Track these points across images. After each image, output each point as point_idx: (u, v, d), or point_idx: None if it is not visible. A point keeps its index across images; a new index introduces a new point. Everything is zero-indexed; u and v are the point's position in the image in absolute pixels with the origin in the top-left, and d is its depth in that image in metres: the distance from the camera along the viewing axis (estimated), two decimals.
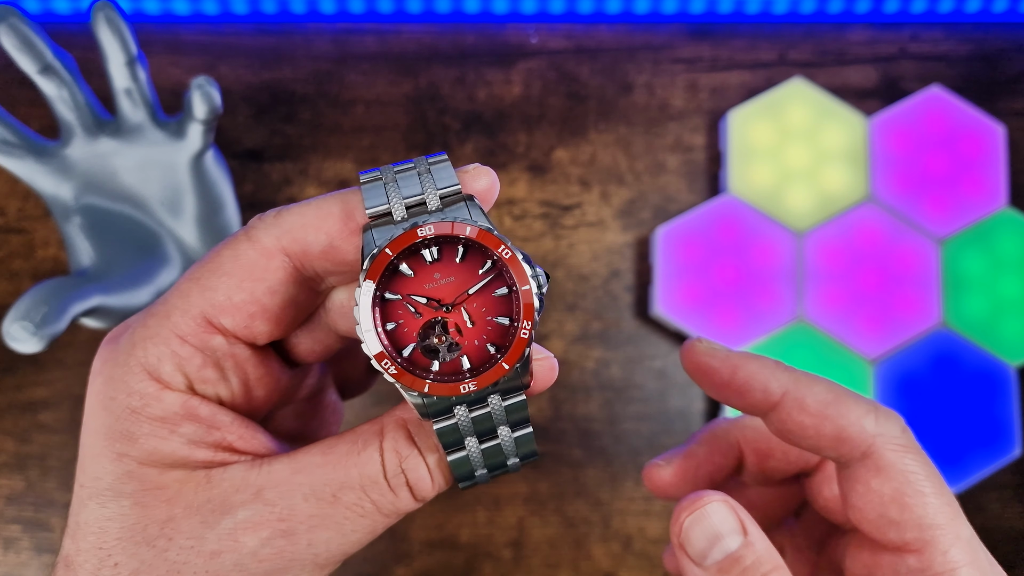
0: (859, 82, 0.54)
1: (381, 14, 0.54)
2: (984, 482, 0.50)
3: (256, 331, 0.23)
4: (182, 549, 0.21)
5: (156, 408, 0.22)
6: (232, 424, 0.23)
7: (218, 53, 0.53)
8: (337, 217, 0.22)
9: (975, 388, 0.49)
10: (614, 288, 0.52)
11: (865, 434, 0.23)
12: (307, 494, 0.22)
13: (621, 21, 0.55)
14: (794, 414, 0.24)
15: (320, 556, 0.22)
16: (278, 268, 0.22)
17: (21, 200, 0.51)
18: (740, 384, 0.24)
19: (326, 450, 0.23)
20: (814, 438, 0.23)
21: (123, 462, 0.22)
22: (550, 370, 0.23)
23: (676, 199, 0.53)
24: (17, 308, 0.36)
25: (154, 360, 0.22)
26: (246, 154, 0.52)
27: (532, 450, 0.24)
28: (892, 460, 0.23)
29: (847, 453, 0.23)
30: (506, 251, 0.21)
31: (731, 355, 0.25)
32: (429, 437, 0.23)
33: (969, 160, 0.52)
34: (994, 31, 0.55)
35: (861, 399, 0.24)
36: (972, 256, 0.51)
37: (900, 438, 0.23)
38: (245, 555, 0.21)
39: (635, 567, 0.49)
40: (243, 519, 0.22)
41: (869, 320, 0.50)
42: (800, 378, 0.24)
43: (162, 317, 0.22)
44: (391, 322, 0.22)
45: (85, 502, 0.22)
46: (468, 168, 0.23)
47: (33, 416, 0.49)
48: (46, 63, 0.39)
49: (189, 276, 0.23)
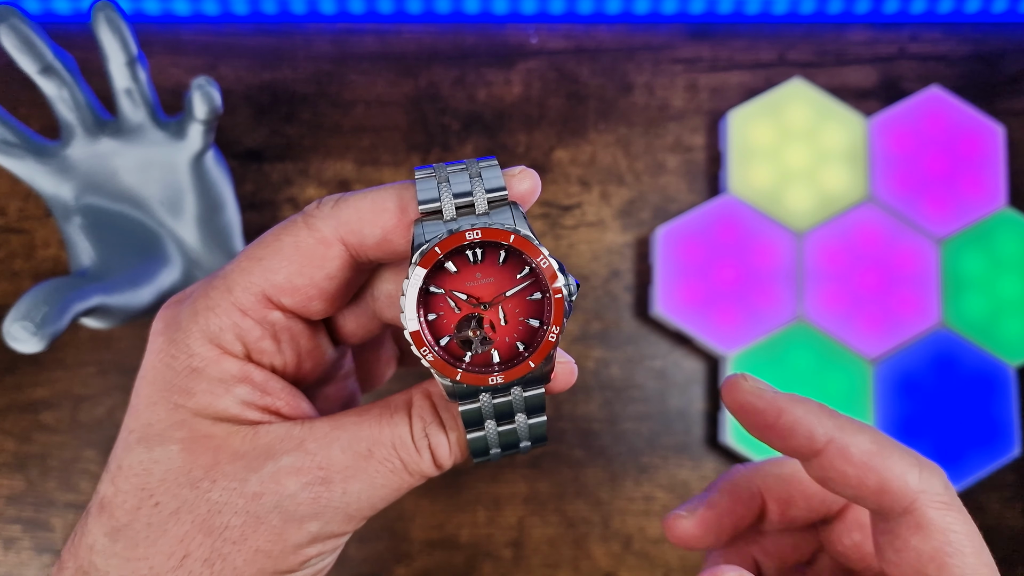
0: (859, 82, 0.54)
1: (381, 14, 0.54)
2: (984, 482, 0.50)
3: (312, 309, 0.25)
4: (224, 490, 0.23)
5: (215, 370, 0.24)
6: (282, 391, 0.25)
7: (218, 53, 0.53)
8: (392, 212, 0.23)
9: (975, 388, 0.49)
10: (614, 288, 0.52)
11: (908, 489, 0.23)
12: (344, 447, 0.24)
13: (621, 21, 0.55)
14: (837, 463, 0.23)
15: (351, 506, 0.24)
16: (336, 256, 0.24)
17: (22, 200, 0.51)
18: (784, 428, 0.24)
19: (361, 412, 0.25)
20: (856, 488, 0.23)
21: (178, 412, 0.24)
22: (570, 373, 0.25)
23: (676, 199, 0.53)
24: (18, 308, 0.36)
25: (216, 329, 0.24)
26: (246, 154, 0.52)
27: (543, 435, 0.26)
28: (934, 518, 0.23)
29: (888, 507, 0.23)
30: (544, 261, 0.23)
31: (777, 397, 0.24)
32: (451, 414, 0.25)
33: (968, 160, 0.52)
34: (993, 31, 0.55)
35: (906, 452, 0.23)
36: (971, 256, 0.51)
37: (943, 495, 0.23)
38: (285, 497, 0.23)
39: (635, 567, 0.49)
40: (286, 464, 0.23)
41: (869, 320, 0.50)
42: (845, 426, 0.24)
43: (224, 291, 0.24)
44: (432, 313, 0.24)
45: (132, 446, 0.24)
46: (514, 171, 0.24)
47: (34, 416, 0.49)
48: (47, 63, 0.39)
49: (250, 255, 0.24)
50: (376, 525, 0.49)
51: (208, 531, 0.23)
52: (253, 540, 0.23)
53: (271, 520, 0.23)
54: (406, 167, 0.52)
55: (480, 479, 0.49)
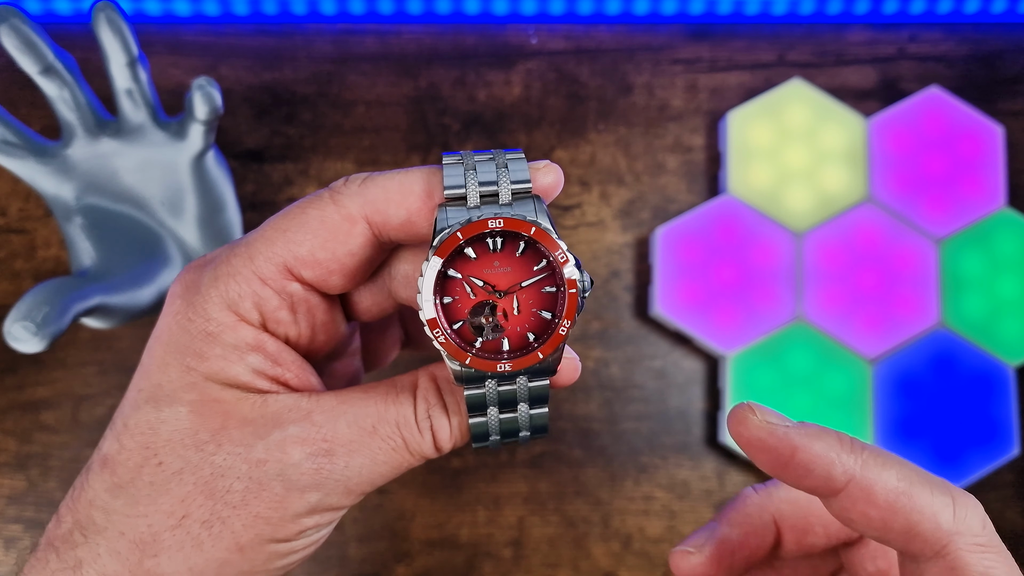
0: (858, 83, 0.54)
1: (381, 15, 0.54)
2: (983, 481, 0.50)
3: (332, 284, 0.25)
4: (229, 455, 0.23)
5: (230, 336, 0.24)
6: (293, 363, 0.25)
7: (219, 54, 0.53)
8: (418, 195, 0.24)
9: (974, 388, 0.49)
10: (614, 288, 0.52)
11: (941, 532, 0.21)
12: (350, 422, 0.24)
13: (621, 22, 0.55)
14: (859, 504, 0.21)
15: (352, 480, 0.24)
16: (359, 234, 0.24)
17: (22, 200, 0.51)
18: (800, 467, 0.22)
19: (367, 390, 0.25)
20: (881, 531, 0.21)
21: (190, 374, 0.24)
22: (574, 369, 0.25)
23: (675, 199, 0.53)
24: (18, 308, 0.37)
25: (235, 296, 0.24)
26: (247, 154, 0.52)
27: (544, 426, 0.26)
28: (970, 562, 0.20)
29: (918, 550, 0.21)
30: (562, 255, 0.23)
31: (789, 433, 0.22)
32: (455, 399, 0.25)
33: (968, 160, 0.52)
34: (993, 32, 0.55)
35: (937, 486, 0.21)
36: (971, 256, 0.51)
37: (980, 536, 0.21)
38: (288, 466, 0.23)
39: (635, 566, 0.49)
40: (292, 433, 0.23)
41: (868, 320, 0.50)
42: (868, 462, 0.21)
43: (246, 259, 0.24)
44: (448, 296, 0.24)
45: (140, 405, 0.24)
46: (539, 165, 0.24)
47: (34, 416, 0.49)
48: (47, 64, 0.39)
49: (275, 226, 0.24)
50: (376, 525, 0.49)
51: (210, 493, 0.23)
52: (254, 505, 0.23)
53: (273, 487, 0.23)
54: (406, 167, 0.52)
55: (480, 479, 0.49)
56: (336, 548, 0.48)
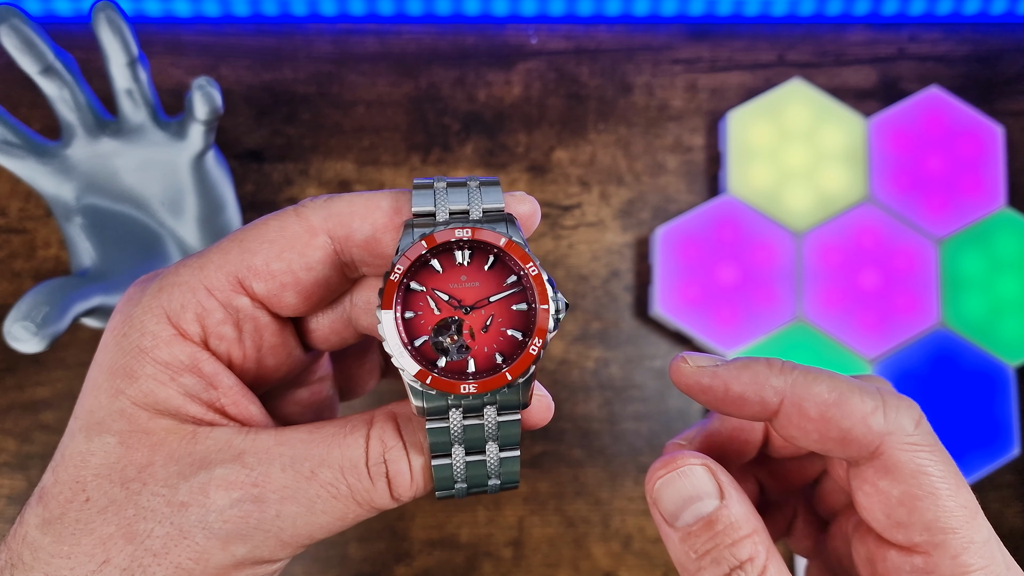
0: (858, 83, 0.54)
1: (381, 15, 0.54)
2: (983, 481, 0.50)
3: (284, 302, 0.24)
4: (153, 495, 0.21)
5: (163, 352, 0.22)
6: (231, 388, 0.23)
7: (219, 54, 0.53)
8: (385, 211, 0.23)
9: (974, 388, 0.49)
10: (614, 288, 0.52)
11: (872, 434, 0.21)
12: (285, 464, 0.22)
13: (620, 22, 0.55)
14: (795, 420, 0.22)
15: (285, 531, 0.22)
16: (319, 247, 0.23)
17: (23, 200, 0.51)
18: (736, 398, 0.23)
19: (313, 430, 0.23)
20: (820, 443, 0.22)
21: (119, 399, 0.22)
22: (546, 409, 0.24)
23: (675, 199, 0.53)
24: (19, 308, 0.37)
25: (177, 306, 0.23)
26: (247, 154, 0.52)
27: (514, 476, 0.23)
28: (902, 460, 0.21)
29: (855, 454, 0.22)
30: (533, 268, 0.22)
31: (719, 370, 0.23)
32: (418, 437, 0.23)
33: (968, 160, 0.52)
34: (992, 32, 0.55)
35: (867, 393, 0.22)
36: (971, 256, 0.51)
37: (913, 435, 0.22)
38: (211, 512, 0.21)
39: (635, 566, 0.49)
40: (218, 476, 0.21)
41: (868, 320, 0.50)
42: (798, 380, 0.22)
43: (195, 268, 0.23)
44: (410, 311, 0.22)
45: (75, 434, 0.23)
46: (515, 193, 0.24)
47: (34, 416, 0.49)
48: (47, 64, 0.39)
49: (232, 237, 0.23)
50: (376, 525, 0.49)
51: (130, 537, 0.21)
52: (175, 554, 0.21)
53: (195, 536, 0.21)
54: (407, 167, 0.52)
55: None
56: (336, 548, 0.48)
